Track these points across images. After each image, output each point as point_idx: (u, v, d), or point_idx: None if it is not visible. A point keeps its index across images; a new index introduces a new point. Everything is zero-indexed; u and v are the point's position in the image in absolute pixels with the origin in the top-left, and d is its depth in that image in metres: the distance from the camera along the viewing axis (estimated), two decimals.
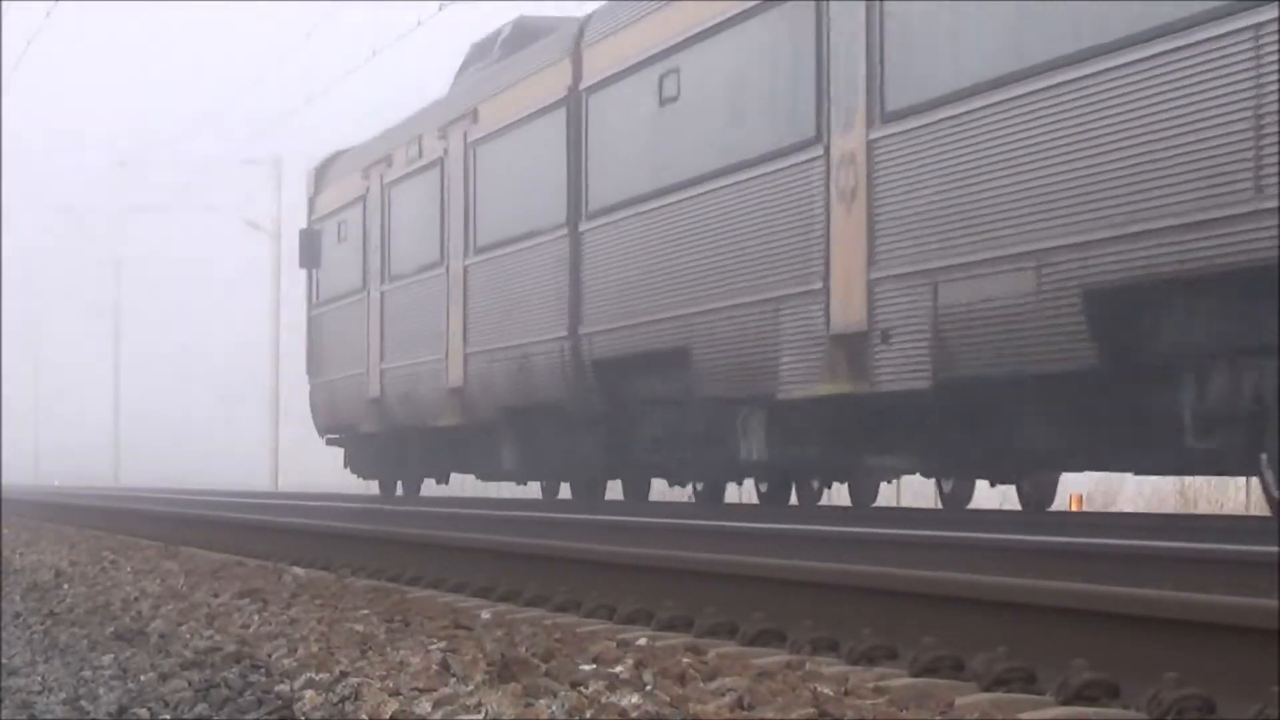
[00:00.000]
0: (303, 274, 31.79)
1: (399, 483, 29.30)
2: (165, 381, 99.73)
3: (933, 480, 20.30)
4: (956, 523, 12.49)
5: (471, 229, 22.79)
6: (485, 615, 7.04)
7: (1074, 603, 4.96)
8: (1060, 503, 29.42)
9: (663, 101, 17.69)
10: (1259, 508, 28.45)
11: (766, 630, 5.97)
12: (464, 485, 34.50)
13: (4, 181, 69.51)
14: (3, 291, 73.94)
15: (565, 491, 25.23)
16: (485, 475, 25.76)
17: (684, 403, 17.90)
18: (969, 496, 19.27)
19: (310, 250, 29.95)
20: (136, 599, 8.55)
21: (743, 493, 26.85)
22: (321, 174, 30.39)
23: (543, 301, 20.50)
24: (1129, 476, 20.13)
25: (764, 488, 20.30)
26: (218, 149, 64.12)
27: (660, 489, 24.66)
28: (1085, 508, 27.65)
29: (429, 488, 30.16)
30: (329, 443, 30.51)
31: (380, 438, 27.31)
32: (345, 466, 30.34)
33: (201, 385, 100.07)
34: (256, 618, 7.20)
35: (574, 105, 19.85)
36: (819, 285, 14.78)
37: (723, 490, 21.08)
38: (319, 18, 46.78)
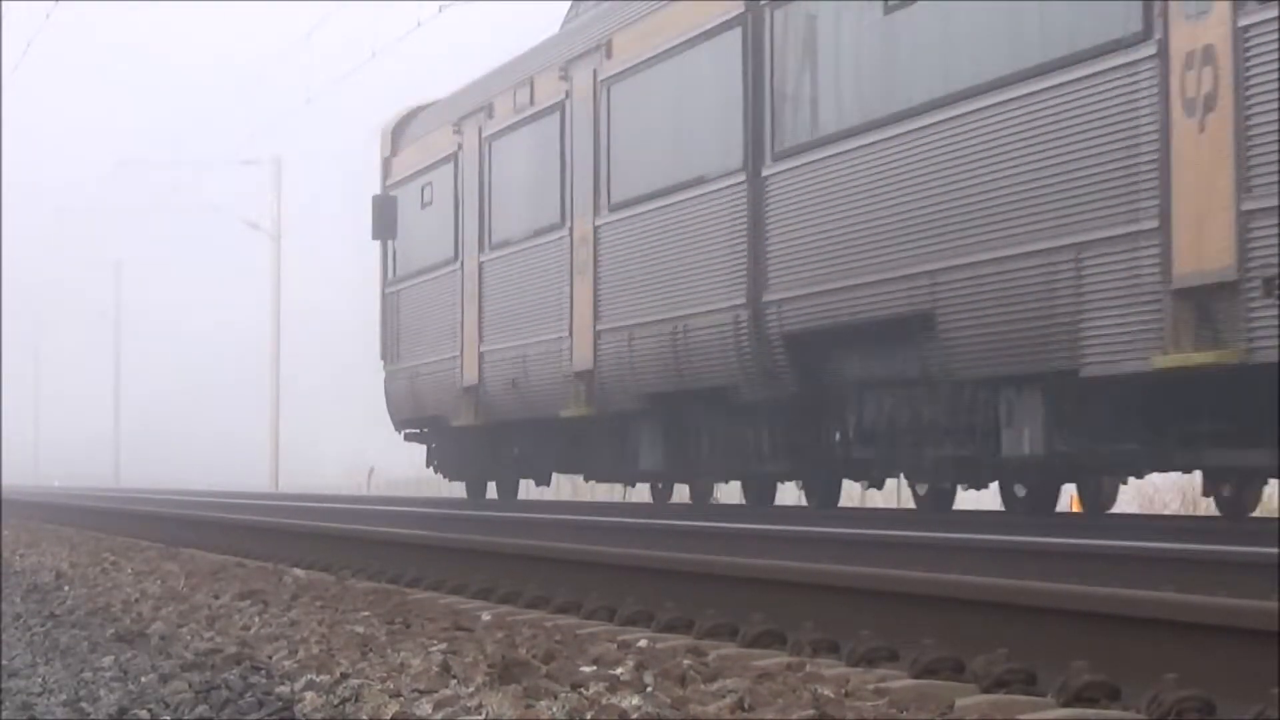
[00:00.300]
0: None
1: (487, 485, 25.44)
2: (165, 381, 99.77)
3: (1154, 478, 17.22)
4: (956, 524, 12.49)
5: (605, 183, 18.85)
6: (486, 617, 7.05)
7: (1074, 604, 4.96)
8: (1061, 504, 29.44)
9: (890, 7, 14.24)
10: (1259, 509, 28.42)
11: (767, 632, 5.98)
12: (560, 488, 30.36)
13: (4, 181, 69.57)
14: (3, 291, 73.98)
15: (681, 494, 22.19)
16: (610, 476, 22.13)
17: (918, 384, 14.25)
18: (1257, 499, 15.53)
19: (385, 219, 25.62)
20: (137, 600, 8.56)
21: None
22: (399, 132, 25.98)
23: (708, 264, 16.68)
24: (1132, 477, 17.01)
25: (1021, 491, 16.07)
26: (218, 149, 64.19)
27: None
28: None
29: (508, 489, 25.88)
30: (408, 438, 26.22)
31: (475, 432, 23.10)
32: (428, 466, 26.03)
33: (201, 385, 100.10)
34: (257, 619, 7.21)
35: (754, 24, 16.15)
36: (1152, 224, 11.43)
37: (952, 495, 16.99)
38: (319, 18, 46.85)
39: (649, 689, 4.64)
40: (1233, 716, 4.12)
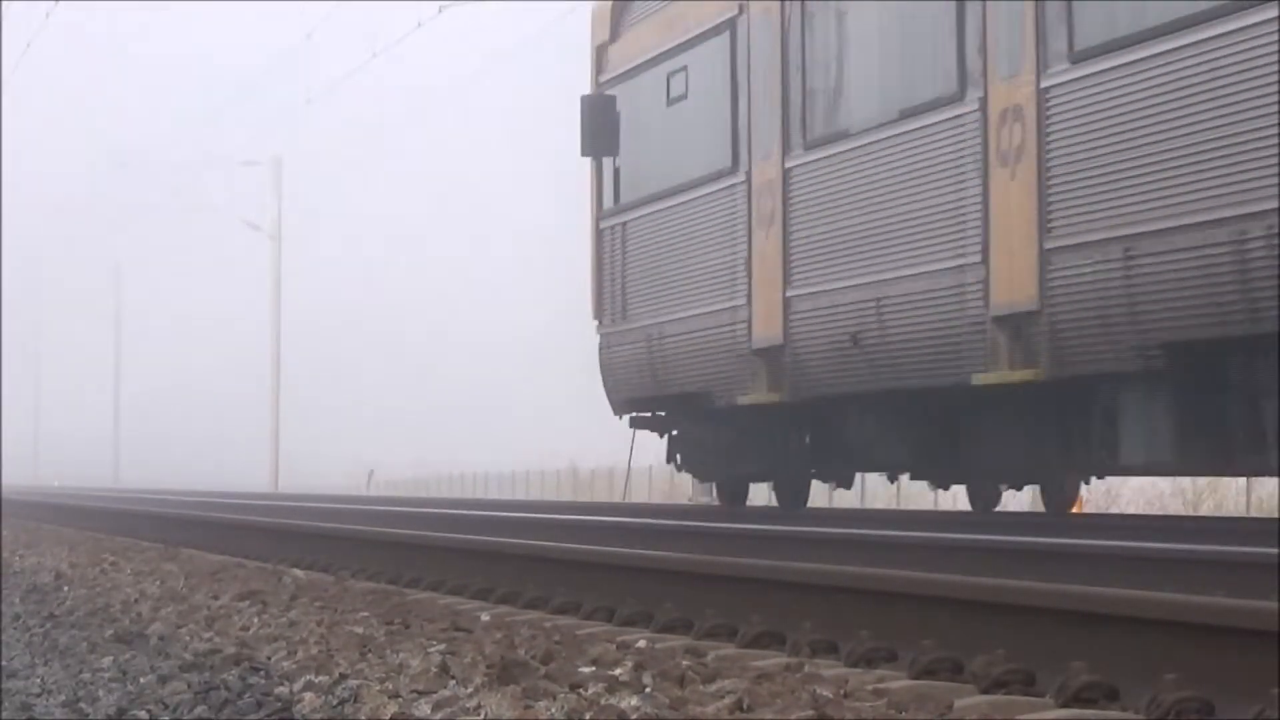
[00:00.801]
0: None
1: (749, 487, 19.00)
2: (165, 382, 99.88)
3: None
4: (955, 525, 12.48)
5: (1063, 18, 12.27)
6: (484, 617, 7.05)
7: (1073, 605, 4.96)
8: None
9: None
10: (1259, 509, 28.49)
11: (766, 632, 5.98)
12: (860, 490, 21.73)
13: (4, 181, 69.65)
14: (3, 292, 74.01)
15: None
16: (1025, 474, 15.86)
17: None
18: None
19: (601, 127, 18.68)
20: (136, 601, 8.56)
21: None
22: (623, 8, 19.05)
23: None
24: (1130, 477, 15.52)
25: None
26: (218, 149, 64.27)
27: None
28: (1085, 509, 27.64)
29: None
30: (635, 424, 19.20)
31: (763, 413, 16.58)
32: (669, 461, 19.14)
33: (201, 386, 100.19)
34: (256, 620, 7.21)
35: None
36: None
37: None
38: (319, 19, 46.89)
39: (648, 689, 4.64)
40: (1233, 716, 4.12)
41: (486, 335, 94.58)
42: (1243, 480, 28.56)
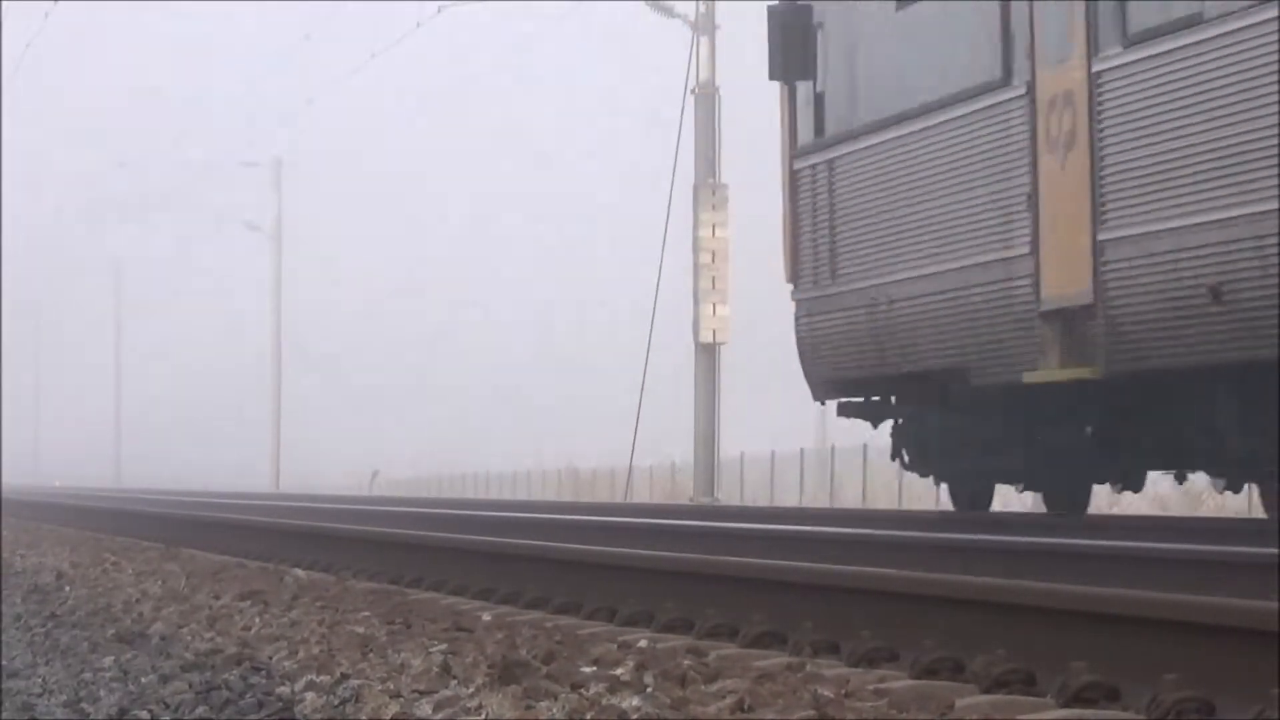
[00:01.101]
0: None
1: (993, 489, 15.37)
2: (166, 382, 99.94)
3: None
4: (956, 525, 12.48)
5: None
6: (486, 617, 7.05)
7: (1073, 605, 4.97)
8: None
9: None
10: (1259, 509, 28.48)
11: (767, 632, 5.98)
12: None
13: (4, 182, 69.71)
14: (3, 292, 74.06)
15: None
16: None
17: None
18: None
19: (796, 44, 15.08)
20: (137, 601, 8.57)
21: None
22: None
23: None
24: None
25: None
26: (218, 150, 64.33)
27: None
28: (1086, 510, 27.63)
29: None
30: (844, 411, 15.49)
31: (1042, 395, 13.01)
32: (894, 458, 15.66)
33: (202, 386, 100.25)
34: (257, 620, 7.21)
35: None
36: None
37: None
38: (319, 19, 46.93)
39: (649, 689, 4.64)
40: (1233, 716, 4.12)
41: (487, 335, 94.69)
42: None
